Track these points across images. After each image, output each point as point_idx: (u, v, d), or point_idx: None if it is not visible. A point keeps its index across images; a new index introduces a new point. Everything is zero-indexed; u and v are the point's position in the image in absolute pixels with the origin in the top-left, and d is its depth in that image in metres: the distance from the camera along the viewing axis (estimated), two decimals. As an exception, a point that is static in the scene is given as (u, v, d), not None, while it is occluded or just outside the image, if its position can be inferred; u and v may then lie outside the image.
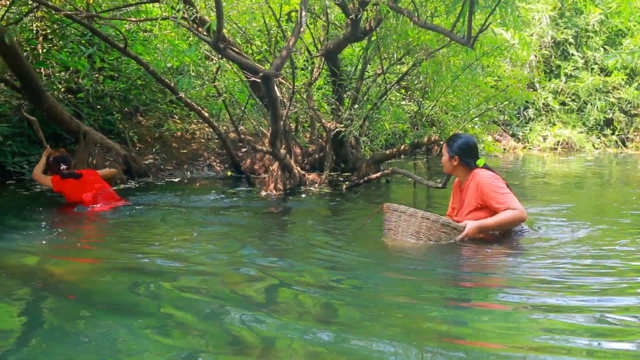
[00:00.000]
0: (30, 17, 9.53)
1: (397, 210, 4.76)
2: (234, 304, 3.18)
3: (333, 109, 9.65)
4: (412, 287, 3.54)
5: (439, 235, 4.68)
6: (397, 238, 4.77)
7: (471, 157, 5.07)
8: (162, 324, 2.90)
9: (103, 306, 3.20)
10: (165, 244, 4.77)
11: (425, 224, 4.67)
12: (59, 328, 2.88)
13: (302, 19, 6.08)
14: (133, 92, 11.16)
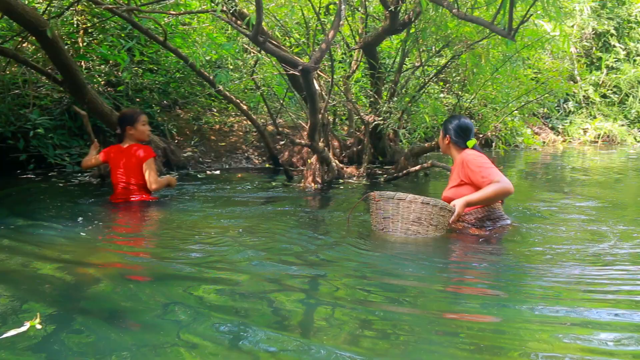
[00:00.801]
0: (71, 11, 9.61)
1: (393, 197, 4.74)
2: (269, 304, 3.18)
3: (371, 101, 9.62)
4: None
5: (438, 219, 4.73)
6: (396, 227, 4.75)
7: (462, 138, 5.23)
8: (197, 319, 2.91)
9: (132, 300, 3.22)
10: (203, 238, 4.79)
11: (426, 209, 4.69)
12: (93, 321, 2.90)
13: (342, 12, 6.06)
14: (172, 85, 11.23)
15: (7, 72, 9.23)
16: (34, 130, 8.75)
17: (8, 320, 2.90)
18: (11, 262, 4.04)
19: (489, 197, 4.80)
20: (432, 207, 4.68)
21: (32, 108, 9.00)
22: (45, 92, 9.83)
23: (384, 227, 4.81)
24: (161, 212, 6.03)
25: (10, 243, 4.58)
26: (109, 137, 9.18)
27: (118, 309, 3.04)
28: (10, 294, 3.34)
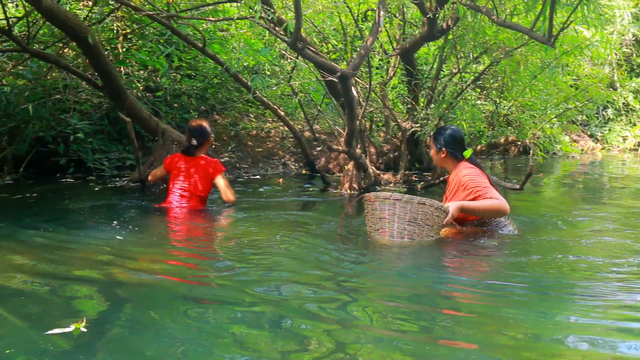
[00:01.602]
0: (111, 17, 9.72)
1: (389, 198, 4.74)
2: (309, 307, 3.18)
3: (408, 108, 9.59)
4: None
5: (434, 220, 4.74)
6: (392, 227, 4.72)
7: (458, 149, 5.22)
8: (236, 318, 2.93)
9: (168, 304, 3.23)
10: (239, 248, 4.80)
11: (422, 209, 4.69)
12: (137, 322, 2.92)
13: (380, 18, 6.06)
14: (210, 91, 11.30)
15: (49, 77, 9.35)
16: (74, 134, 8.87)
17: (55, 319, 2.94)
18: (59, 264, 4.10)
19: (484, 209, 4.83)
20: (427, 207, 4.70)
21: (72, 113, 9.11)
22: (85, 97, 9.96)
23: (380, 227, 4.80)
24: (208, 220, 6.08)
25: (57, 245, 4.65)
26: (147, 142, 9.26)
27: (158, 315, 3.06)
28: (57, 295, 3.39)
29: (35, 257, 4.30)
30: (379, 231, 4.82)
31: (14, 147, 8.89)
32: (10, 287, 3.52)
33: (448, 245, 4.76)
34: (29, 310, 3.11)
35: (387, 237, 4.75)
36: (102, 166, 9.07)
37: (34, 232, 5.12)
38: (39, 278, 3.71)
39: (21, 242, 4.79)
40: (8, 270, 3.91)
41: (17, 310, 3.10)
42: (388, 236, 4.75)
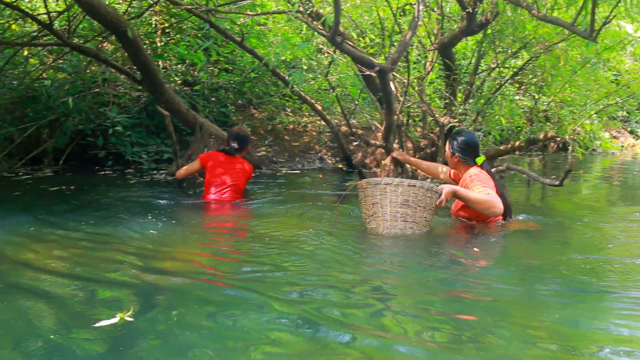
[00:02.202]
0: (149, 12, 9.78)
1: (380, 183, 4.85)
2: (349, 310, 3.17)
3: (446, 103, 9.52)
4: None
5: (426, 201, 4.83)
6: (385, 211, 4.82)
7: (470, 155, 5.32)
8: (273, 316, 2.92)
9: (205, 300, 3.24)
10: (277, 240, 4.81)
11: (413, 191, 4.79)
12: (177, 318, 2.93)
13: (419, 12, 6.02)
14: (247, 85, 11.33)
15: (88, 71, 9.45)
16: (112, 127, 8.95)
17: (99, 310, 3.00)
18: (98, 256, 4.15)
19: (476, 200, 4.88)
20: (418, 189, 4.79)
21: (111, 106, 9.21)
22: (123, 90, 10.05)
23: (374, 212, 4.89)
24: (245, 215, 6.10)
25: (95, 238, 4.70)
26: (184, 136, 9.31)
27: (198, 307, 3.07)
28: (98, 287, 3.43)
29: (74, 248, 4.36)
30: (372, 216, 4.91)
31: (54, 140, 9.01)
32: (52, 279, 3.56)
33: (470, 244, 4.70)
34: (73, 302, 3.15)
35: (381, 221, 4.84)
36: (140, 159, 9.15)
37: (73, 225, 5.18)
38: (79, 270, 3.75)
39: (60, 234, 4.84)
40: (48, 262, 3.95)
41: (63, 303, 3.14)
42: (382, 220, 4.84)
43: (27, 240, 4.61)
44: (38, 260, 3.99)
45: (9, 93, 8.95)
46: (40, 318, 2.90)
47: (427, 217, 4.87)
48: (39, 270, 3.75)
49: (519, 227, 5.32)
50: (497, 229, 5.12)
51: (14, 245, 4.46)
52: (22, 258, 4.08)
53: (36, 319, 2.89)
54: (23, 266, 3.86)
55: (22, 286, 3.43)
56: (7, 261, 4.00)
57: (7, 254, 4.21)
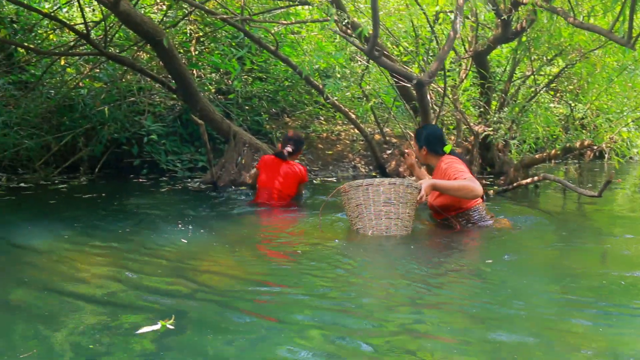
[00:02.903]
0: (184, 21, 9.85)
1: (361, 185, 5.07)
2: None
3: (481, 111, 9.46)
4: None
5: (407, 197, 5.04)
6: (369, 211, 5.04)
7: (438, 145, 5.63)
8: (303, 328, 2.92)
9: (240, 310, 3.24)
10: (316, 249, 4.80)
11: (394, 189, 5.01)
12: (207, 323, 2.94)
13: (457, 25, 5.99)
14: (281, 94, 11.34)
15: (123, 80, 9.53)
16: (147, 136, 9.01)
17: (141, 316, 3.04)
18: (138, 262, 4.19)
19: (456, 188, 5.12)
20: (398, 186, 5.02)
21: (146, 115, 9.27)
22: (158, 99, 10.11)
23: (359, 213, 5.09)
24: (287, 222, 6.15)
25: (137, 246, 4.74)
26: (218, 144, 9.35)
27: (234, 318, 3.07)
28: (141, 294, 3.45)
29: (111, 256, 4.41)
30: (358, 217, 5.11)
31: (90, 148, 9.09)
32: (91, 286, 3.59)
33: (497, 252, 4.65)
34: (113, 308, 3.17)
35: (367, 221, 5.05)
36: (174, 167, 9.20)
37: (109, 232, 5.24)
38: (118, 278, 3.78)
39: (97, 242, 4.90)
40: (86, 269, 3.99)
41: (103, 309, 3.17)
42: (367, 220, 5.05)
43: (65, 248, 4.66)
44: (75, 268, 4.03)
45: (46, 102, 9.05)
46: (82, 325, 2.92)
47: (409, 212, 5.09)
48: (77, 278, 3.79)
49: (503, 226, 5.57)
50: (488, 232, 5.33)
51: (51, 253, 4.50)
52: (60, 266, 4.12)
53: (78, 325, 2.92)
54: (62, 273, 3.91)
55: (62, 293, 3.46)
56: (45, 269, 4.04)
57: (44, 261, 4.27)
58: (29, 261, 4.31)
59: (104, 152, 9.26)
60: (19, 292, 3.52)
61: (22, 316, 3.10)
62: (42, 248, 4.67)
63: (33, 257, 4.41)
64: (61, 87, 9.39)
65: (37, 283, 3.70)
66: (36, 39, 9.75)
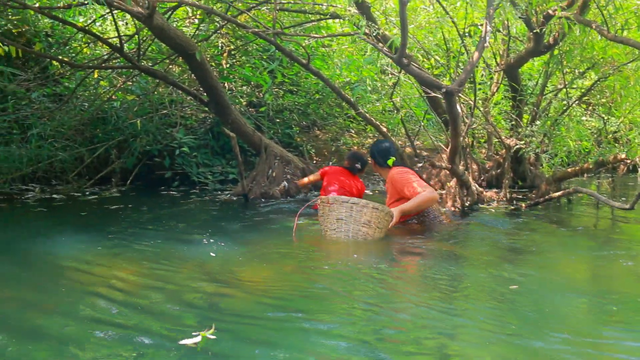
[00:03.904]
0: (216, 34, 9.92)
1: (347, 202, 5.52)
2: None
3: (512, 125, 9.41)
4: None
5: (383, 223, 5.58)
6: (348, 228, 5.47)
7: (382, 158, 6.43)
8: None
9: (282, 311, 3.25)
10: (348, 261, 4.81)
11: (375, 213, 5.50)
12: (250, 335, 2.95)
13: (486, 34, 5.97)
14: (311, 106, 11.37)
15: (155, 92, 9.61)
16: (179, 148, 9.06)
17: (179, 327, 3.07)
18: (171, 274, 4.22)
19: (418, 205, 5.90)
20: (379, 212, 5.52)
21: (178, 127, 9.33)
22: (190, 112, 10.18)
23: (337, 227, 5.52)
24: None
25: (170, 258, 4.77)
26: (249, 157, 9.38)
27: (270, 327, 3.08)
28: (176, 305, 3.48)
29: (144, 267, 4.45)
30: (335, 230, 5.54)
31: (122, 161, 9.16)
32: (126, 298, 3.62)
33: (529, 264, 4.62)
34: (148, 321, 3.20)
35: (343, 237, 5.49)
36: (205, 180, 9.24)
37: (142, 244, 5.29)
38: (153, 289, 3.82)
39: (130, 254, 4.95)
40: (120, 280, 4.02)
41: (140, 321, 3.19)
42: (344, 236, 5.49)
43: (98, 259, 4.71)
44: (109, 279, 4.07)
45: (80, 114, 9.15)
46: (120, 336, 2.95)
47: (382, 237, 5.59)
48: (111, 289, 3.82)
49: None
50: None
51: (84, 264, 4.56)
52: (93, 277, 4.16)
53: (116, 336, 2.94)
54: (96, 284, 3.95)
55: (97, 304, 3.49)
56: (79, 280, 4.08)
57: (78, 272, 4.31)
58: (64, 272, 4.36)
59: (136, 164, 9.34)
60: (54, 303, 3.56)
61: (59, 327, 3.13)
62: (75, 259, 4.72)
63: (67, 268, 4.46)
64: (95, 99, 9.49)
65: (72, 293, 3.75)
66: (70, 52, 9.87)
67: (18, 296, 3.74)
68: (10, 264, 4.65)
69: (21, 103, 9.12)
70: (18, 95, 9.05)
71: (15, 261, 4.75)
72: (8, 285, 3.98)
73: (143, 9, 6.52)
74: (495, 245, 5.57)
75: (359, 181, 7.46)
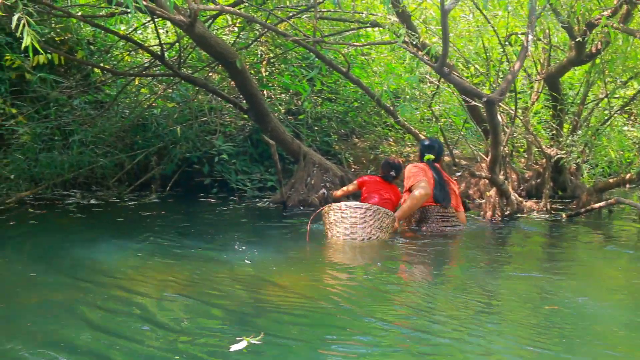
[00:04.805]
0: (256, 42, 9.97)
1: (361, 207, 5.92)
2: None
3: (553, 134, 9.32)
4: None
5: (389, 227, 6.02)
6: (364, 231, 5.81)
7: (422, 153, 6.99)
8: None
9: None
10: (389, 270, 4.79)
11: (386, 219, 5.96)
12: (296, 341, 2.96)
13: (528, 42, 5.93)
14: (350, 114, 11.36)
15: (195, 100, 9.69)
16: (218, 155, 9.12)
17: (224, 333, 3.13)
18: (212, 279, 4.26)
19: (410, 208, 6.36)
20: (389, 217, 5.98)
21: (217, 135, 9.39)
22: (229, 119, 10.24)
23: (352, 231, 5.81)
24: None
25: (210, 263, 4.81)
26: (287, 164, 9.40)
27: (312, 333, 3.09)
28: (220, 310, 3.52)
29: (185, 273, 4.50)
30: (349, 235, 5.81)
31: (162, 167, 9.24)
32: (169, 303, 3.65)
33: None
34: (192, 327, 3.22)
35: (359, 240, 5.79)
36: (244, 187, 9.27)
37: (179, 250, 5.36)
38: (195, 295, 3.85)
39: (170, 260, 5.00)
40: (159, 287, 4.06)
41: (184, 327, 3.22)
42: (359, 239, 5.79)
43: (138, 265, 4.78)
44: (146, 284, 4.11)
45: (120, 121, 9.26)
46: (167, 342, 2.98)
47: (386, 239, 5.97)
48: (154, 295, 3.85)
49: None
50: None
51: (125, 269, 4.62)
52: (132, 282, 4.19)
53: (163, 342, 2.96)
54: (136, 291, 3.97)
55: (142, 310, 3.52)
56: (117, 286, 4.12)
57: (116, 279, 4.34)
58: (103, 277, 4.40)
59: (175, 171, 9.41)
60: (96, 308, 3.59)
61: (101, 332, 3.16)
62: (114, 264, 4.78)
63: (106, 274, 4.52)
64: (135, 106, 9.60)
65: (113, 298, 3.78)
66: (112, 60, 9.99)
67: (59, 299, 3.78)
68: (51, 268, 4.72)
69: (63, 110, 9.26)
70: (60, 102, 9.19)
71: (56, 265, 4.81)
72: (49, 288, 4.03)
73: (185, 18, 6.57)
74: (535, 257, 5.53)
75: (396, 189, 7.44)
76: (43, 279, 4.34)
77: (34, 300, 3.76)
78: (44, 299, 3.79)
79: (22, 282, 4.20)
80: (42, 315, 3.43)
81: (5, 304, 3.67)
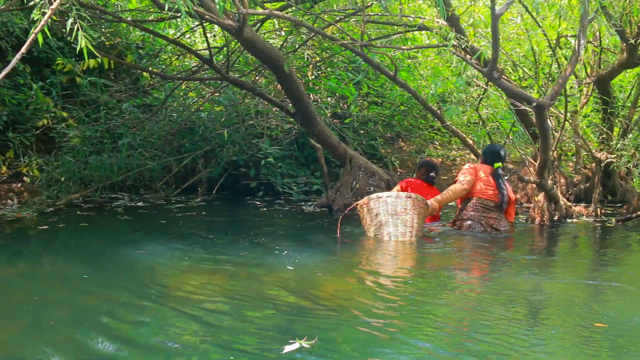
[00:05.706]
0: (302, 46, 10.00)
1: (402, 197, 6.16)
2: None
3: (603, 138, 9.19)
4: None
5: (424, 213, 6.29)
6: (413, 222, 6.05)
7: (491, 158, 6.96)
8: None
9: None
10: (432, 275, 4.76)
11: (422, 206, 6.23)
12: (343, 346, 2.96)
13: (580, 47, 5.86)
14: (396, 118, 11.34)
15: (242, 104, 9.75)
16: (264, 159, 9.16)
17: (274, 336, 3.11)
18: (258, 282, 4.28)
19: (447, 197, 6.73)
20: (422, 201, 6.21)
21: (264, 138, 9.43)
22: (275, 123, 10.28)
23: (405, 221, 6.02)
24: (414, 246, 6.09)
25: (256, 266, 4.83)
26: (333, 168, 9.41)
27: (360, 338, 3.08)
28: (269, 313, 3.56)
29: (231, 276, 4.53)
30: (399, 229, 6.01)
31: (209, 170, 9.31)
32: (217, 306, 3.66)
33: None
34: (242, 329, 3.23)
35: (409, 229, 6.01)
36: (290, 190, 9.31)
37: (227, 252, 5.40)
38: (241, 297, 3.86)
39: (216, 263, 5.05)
40: (209, 288, 4.11)
41: (234, 328, 3.23)
42: (411, 228, 6.02)
43: (181, 267, 4.80)
44: (199, 287, 4.14)
45: (168, 125, 9.36)
46: (220, 344, 2.99)
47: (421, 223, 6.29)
48: (202, 298, 3.88)
49: None
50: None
51: (171, 271, 4.67)
52: (183, 285, 4.22)
53: (217, 345, 2.98)
54: (185, 293, 4.00)
55: (190, 312, 3.54)
56: (168, 288, 4.15)
57: (164, 281, 4.38)
58: (151, 279, 4.44)
59: (222, 174, 9.49)
60: (144, 309, 3.62)
61: (152, 333, 3.18)
62: (161, 266, 4.84)
63: (154, 276, 4.57)
64: (183, 110, 9.70)
65: (161, 300, 3.80)
66: (161, 64, 10.11)
67: (109, 300, 3.83)
68: (100, 269, 4.79)
69: (112, 113, 9.39)
70: (110, 105, 9.33)
71: (104, 267, 4.89)
72: (99, 290, 4.08)
73: (234, 22, 6.62)
74: (585, 263, 5.45)
75: (437, 192, 7.38)
76: (93, 279, 4.39)
77: (92, 301, 3.81)
78: (99, 300, 3.83)
79: (75, 284, 4.26)
80: (96, 314, 3.47)
81: (60, 305, 3.72)
